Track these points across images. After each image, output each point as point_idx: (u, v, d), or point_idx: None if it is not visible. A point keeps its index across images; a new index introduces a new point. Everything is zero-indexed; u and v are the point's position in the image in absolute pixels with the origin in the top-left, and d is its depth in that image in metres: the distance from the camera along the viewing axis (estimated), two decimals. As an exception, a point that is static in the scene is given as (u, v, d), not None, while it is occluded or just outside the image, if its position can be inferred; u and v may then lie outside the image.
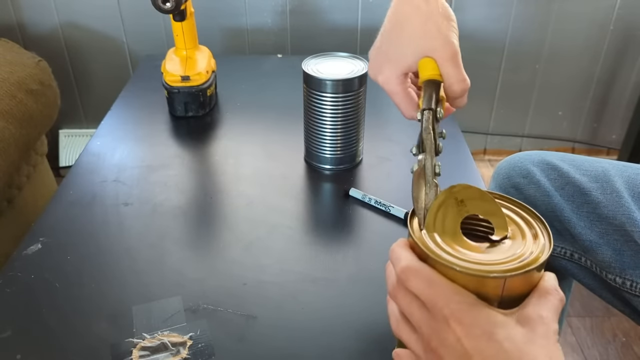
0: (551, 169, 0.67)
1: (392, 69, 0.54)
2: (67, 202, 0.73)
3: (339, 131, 0.76)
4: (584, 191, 0.63)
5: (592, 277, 0.65)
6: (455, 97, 0.52)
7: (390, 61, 0.54)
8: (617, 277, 0.60)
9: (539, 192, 0.67)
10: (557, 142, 1.73)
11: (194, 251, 0.65)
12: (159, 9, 0.84)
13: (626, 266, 0.59)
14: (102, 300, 0.58)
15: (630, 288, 0.59)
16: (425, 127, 0.47)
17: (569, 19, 1.49)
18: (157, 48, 1.51)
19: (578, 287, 1.33)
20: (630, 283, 0.59)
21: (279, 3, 1.47)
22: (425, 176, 0.45)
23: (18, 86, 1.02)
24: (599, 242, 0.61)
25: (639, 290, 0.58)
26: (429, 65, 0.51)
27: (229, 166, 0.81)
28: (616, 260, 0.60)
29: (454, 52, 0.50)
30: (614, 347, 1.22)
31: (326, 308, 0.57)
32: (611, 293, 0.63)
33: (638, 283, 0.58)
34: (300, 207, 0.74)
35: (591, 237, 0.62)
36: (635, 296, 0.59)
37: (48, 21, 1.49)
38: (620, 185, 0.61)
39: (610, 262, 0.60)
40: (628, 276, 0.59)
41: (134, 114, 0.96)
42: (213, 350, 0.52)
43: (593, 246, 0.62)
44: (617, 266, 0.60)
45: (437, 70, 0.50)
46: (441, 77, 0.51)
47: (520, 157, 0.71)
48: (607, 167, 0.64)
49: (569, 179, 0.65)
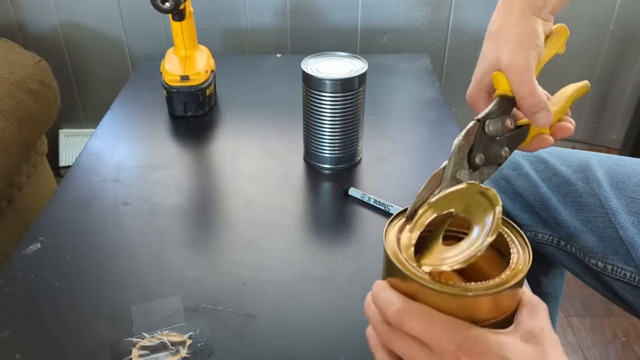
0: (539, 161, 0.71)
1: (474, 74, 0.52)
2: (67, 201, 0.73)
3: (338, 131, 0.76)
4: (568, 181, 0.68)
5: (576, 262, 0.68)
6: (528, 113, 0.48)
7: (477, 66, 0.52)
8: (599, 261, 0.64)
9: (527, 183, 0.71)
10: (556, 142, 1.73)
11: (194, 250, 0.65)
12: (158, 9, 0.84)
13: (607, 251, 0.63)
14: (102, 300, 0.58)
15: (612, 272, 0.63)
16: (462, 134, 0.45)
17: (568, 19, 1.48)
18: (157, 48, 1.51)
19: (578, 287, 1.32)
20: (611, 267, 0.63)
21: (279, 3, 1.47)
22: (441, 179, 0.43)
23: (18, 86, 1.02)
24: (582, 229, 0.65)
25: (619, 274, 0.62)
26: (500, 79, 0.48)
27: (228, 166, 0.81)
28: (598, 246, 0.63)
29: (522, 67, 0.47)
30: (614, 347, 1.22)
31: (326, 307, 0.57)
32: (594, 278, 0.67)
33: (618, 267, 0.62)
34: (300, 206, 0.74)
35: (575, 224, 0.65)
36: (616, 280, 0.62)
37: (48, 21, 1.49)
38: (601, 175, 0.65)
39: (592, 247, 0.64)
40: (609, 260, 0.63)
41: (134, 113, 0.96)
42: (212, 349, 0.52)
43: (577, 232, 0.65)
44: (599, 251, 0.63)
45: (508, 86, 0.48)
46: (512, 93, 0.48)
47: None
48: (590, 158, 0.69)
49: (554, 170, 0.69)
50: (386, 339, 0.39)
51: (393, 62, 1.12)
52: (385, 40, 1.51)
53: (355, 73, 0.73)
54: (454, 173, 0.43)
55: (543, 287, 0.83)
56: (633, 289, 0.61)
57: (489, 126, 0.46)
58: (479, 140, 0.45)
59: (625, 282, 0.62)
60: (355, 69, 0.74)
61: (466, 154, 0.44)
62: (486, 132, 0.46)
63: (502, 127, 0.47)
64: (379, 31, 1.50)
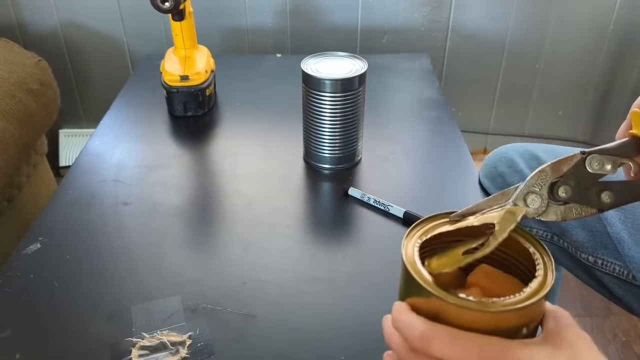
0: (533, 158, 0.73)
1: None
2: (67, 201, 0.73)
3: (338, 130, 0.76)
4: None
5: (568, 257, 0.70)
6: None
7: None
8: (590, 256, 0.65)
9: (521, 180, 0.72)
10: (557, 142, 1.73)
11: (193, 250, 0.65)
12: (157, 9, 0.84)
13: (597, 246, 0.65)
14: (101, 300, 0.58)
15: (602, 266, 0.65)
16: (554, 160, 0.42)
17: (569, 19, 1.48)
18: (157, 48, 1.51)
19: (578, 287, 1.32)
20: (601, 262, 0.65)
21: (278, 3, 1.47)
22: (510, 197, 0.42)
23: (18, 86, 1.02)
24: (573, 224, 0.67)
25: (608, 268, 0.64)
26: (636, 118, 0.43)
27: (228, 166, 0.81)
28: (588, 241, 0.65)
29: None
30: (614, 347, 1.22)
31: (325, 307, 0.57)
32: (585, 272, 0.68)
33: (607, 261, 0.64)
34: (300, 206, 0.74)
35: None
36: (606, 274, 0.64)
37: (48, 21, 1.49)
38: None
39: (583, 242, 0.66)
40: (599, 255, 0.65)
41: (134, 113, 0.96)
42: (212, 349, 0.52)
43: (569, 227, 0.67)
44: (590, 246, 0.65)
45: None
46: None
47: (507, 149, 0.78)
48: None
49: None
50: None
51: (393, 62, 1.12)
52: (385, 40, 1.51)
53: (355, 73, 0.73)
54: (525, 195, 0.42)
55: None
56: (622, 282, 0.63)
57: (594, 162, 0.41)
58: (572, 173, 0.41)
59: (614, 276, 0.63)
60: (355, 69, 0.74)
61: (548, 181, 0.41)
62: (587, 167, 0.41)
63: (613, 169, 0.42)
64: (379, 31, 1.50)
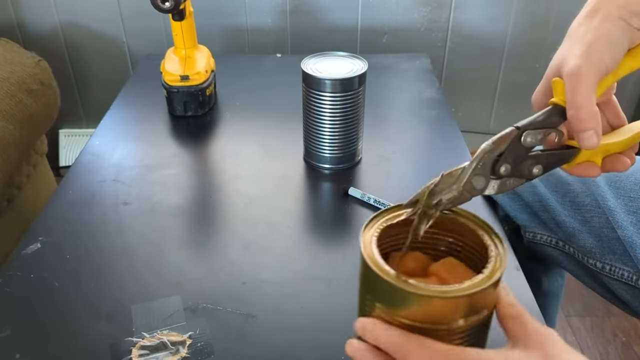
0: None
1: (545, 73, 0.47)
2: (67, 201, 0.73)
3: (338, 130, 0.76)
4: (566, 181, 0.67)
5: (575, 263, 0.68)
6: (573, 129, 0.41)
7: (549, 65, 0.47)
8: (597, 262, 0.63)
9: (526, 184, 0.71)
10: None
11: (194, 250, 0.65)
12: (157, 9, 0.84)
13: (605, 251, 0.63)
14: (102, 300, 0.58)
15: (610, 272, 0.63)
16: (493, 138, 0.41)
17: (569, 19, 1.48)
18: (157, 48, 1.51)
19: (578, 287, 1.32)
20: (609, 267, 0.63)
21: (279, 3, 1.47)
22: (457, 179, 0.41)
23: (18, 86, 1.02)
24: (580, 229, 0.65)
25: (617, 274, 0.62)
26: (558, 87, 0.42)
27: (228, 165, 0.81)
28: (596, 246, 0.63)
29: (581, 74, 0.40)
30: (614, 347, 1.22)
31: (325, 307, 0.57)
32: (592, 278, 0.67)
33: (616, 267, 0.62)
34: (300, 206, 0.74)
35: (573, 225, 0.65)
36: (614, 280, 0.63)
37: (48, 21, 1.49)
38: None
39: (590, 247, 0.64)
40: (607, 261, 0.63)
41: (134, 113, 0.96)
42: (212, 349, 0.52)
43: (575, 233, 0.65)
44: (597, 252, 0.63)
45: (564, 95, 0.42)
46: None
47: None
48: None
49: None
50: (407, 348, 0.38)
51: (393, 62, 1.12)
52: (385, 40, 1.51)
53: (355, 73, 0.73)
54: (472, 177, 0.41)
55: (543, 286, 0.83)
56: (630, 288, 0.62)
57: (527, 137, 0.41)
58: (510, 150, 0.41)
59: (622, 282, 0.62)
60: (355, 69, 0.74)
61: (491, 161, 0.41)
62: (522, 142, 0.41)
63: (543, 140, 0.42)
64: (379, 31, 1.50)
